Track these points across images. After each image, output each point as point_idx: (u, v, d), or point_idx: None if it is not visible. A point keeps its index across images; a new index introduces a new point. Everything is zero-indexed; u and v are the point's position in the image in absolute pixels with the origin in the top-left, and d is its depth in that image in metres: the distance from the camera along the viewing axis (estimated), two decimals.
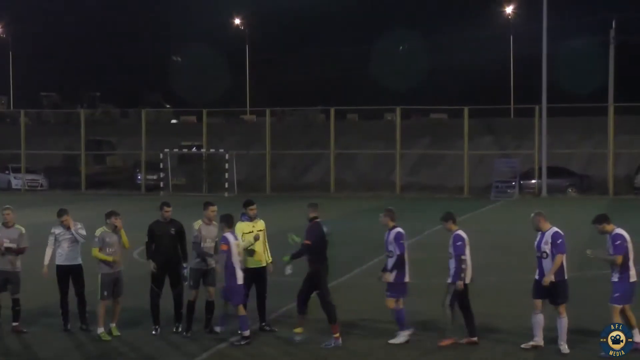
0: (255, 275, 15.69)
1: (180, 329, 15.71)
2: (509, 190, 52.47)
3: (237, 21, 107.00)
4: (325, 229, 15.37)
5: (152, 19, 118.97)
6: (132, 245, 16.00)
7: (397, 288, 15.02)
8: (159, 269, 15.71)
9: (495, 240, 29.90)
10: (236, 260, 14.88)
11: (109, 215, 15.72)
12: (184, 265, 15.90)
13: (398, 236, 15.10)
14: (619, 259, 14.40)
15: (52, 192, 56.98)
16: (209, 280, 15.64)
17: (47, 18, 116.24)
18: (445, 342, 14.87)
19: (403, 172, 57.57)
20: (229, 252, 14.78)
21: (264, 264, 15.87)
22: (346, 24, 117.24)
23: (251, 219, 15.79)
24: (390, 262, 15.26)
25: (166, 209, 16.08)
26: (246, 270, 15.52)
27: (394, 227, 15.36)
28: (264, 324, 15.82)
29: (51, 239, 15.96)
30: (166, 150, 55.99)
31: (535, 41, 56.99)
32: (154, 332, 15.61)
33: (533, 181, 53.59)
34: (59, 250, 15.91)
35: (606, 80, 58.09)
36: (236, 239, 15.07)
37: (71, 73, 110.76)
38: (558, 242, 14.67)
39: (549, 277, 14.52)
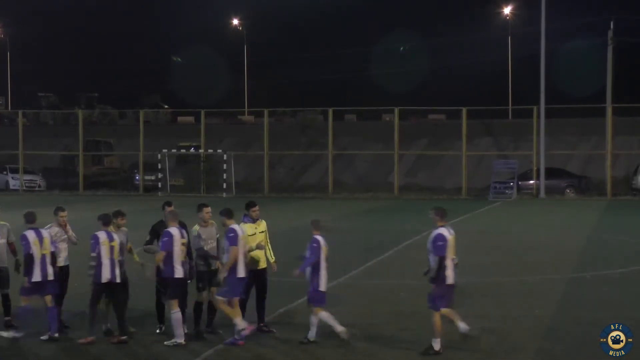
0: (256, 277, 15.66)
1: (186, 329, 15.67)
2: (507, 191, 52.45)
3: (235, 22, 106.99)
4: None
5: (150, 20, 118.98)
6: (132, 246, 15.95)
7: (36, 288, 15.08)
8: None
9: (493, 241, 29.89)
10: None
11: (116, 215, 15.70)
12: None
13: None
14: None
15: (50, 192, 56.93)
16: (214, 282, 15.60)
17: (45, 19, 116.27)
18: (86, 339, 14.84)
19: (401, 173, 57.56)
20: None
21: (265, 266, 15.81)
22: (345, 26, 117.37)
23: (254, 220, 15.73)
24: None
25: (168, 208, 16.03)
26: (248, 272, 15.50)
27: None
28: (262, 324, 15.80)
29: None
30: (164, 150, 55.94)
31: (534, 42, 57.02)
32: (158, 331, 15.60)
33: (531, 182, 53.59)
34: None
35: (604, 81, 58.10)
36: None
37: (69, 74, 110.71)
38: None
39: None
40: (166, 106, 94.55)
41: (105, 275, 14.94)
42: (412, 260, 25.09)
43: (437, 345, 14.26)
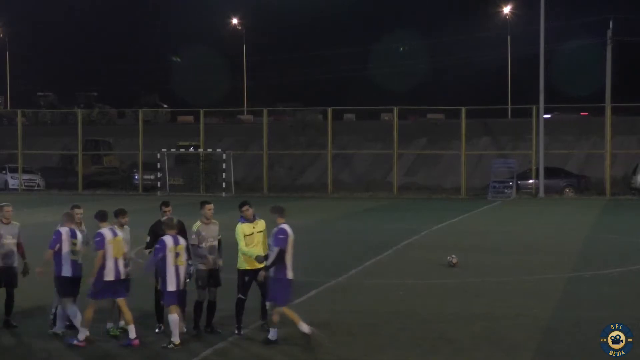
0: (255, 276, 15.60)
1: (184, 329, 15.65)
2: (506, 191, 52.46)
3: (234, 21, 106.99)
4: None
5: (149, 20, 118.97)
6: (131, 245, 15.93)
7: None
8: None
9: (492, 240, 29.87)
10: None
11: (117, 213, 15.69)
12: (189, 262, 15.84)
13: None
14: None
15: (49, 192, 56.92)
16: (213, 281, 15.59)
17: (44, 18, 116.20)
18: None
19: (400, 172, 57.56)
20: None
21: (262, 265, 15.73)
22: (344, 25, 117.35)
23: (248, 220, 15.64)
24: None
25: (165, 208, 16.00)
26: (246, 272, 15.48)
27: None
28: (263, 322, 15.77)
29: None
30: (163, 150, 55.94)
31: (533, 42, 57.04)
32: (157, 330, 15.58)
33: (530, 181, 53.59)
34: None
35: (603, 80, 58.12)
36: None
37: (68, 73, 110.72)
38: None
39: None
40: (165, 105, 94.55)
41: None
42: (411, 259, 25.12)
43: (304, 328, 14.57)
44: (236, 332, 15.37)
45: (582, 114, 73.45)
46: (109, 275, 14.81)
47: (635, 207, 45.06)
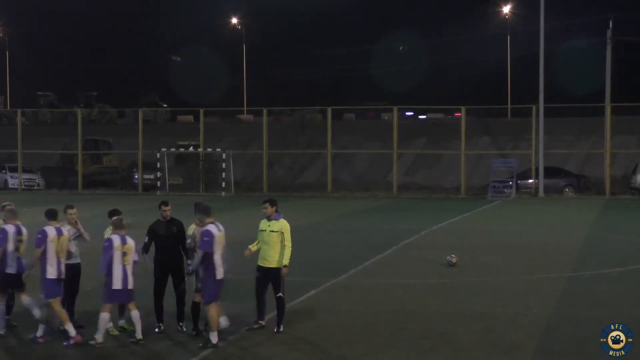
0: (268, 275, 15.62)
1: (184, 329, 15.67)
2: (506, 190, 52.46)
3: (234, 21, 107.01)
4: None
5: (149, 19, 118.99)
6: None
7: None
8: (162, 269, 15.68)
9: (492, 240, 29.87)
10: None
11: (111, 214, 15.70)
12: (188, 262, 15.84)
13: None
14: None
15: (49, 191, 56.92)
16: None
17: (44, 18, 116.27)
18: None
19: (400, 172, 57.56)
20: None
21: (275, 265, 15.67)
22: (344, 25, 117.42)
23: (267, 217, 15.69)
24: None
25: (164, 207, 16.01)
26: (258, 268, 15.55)
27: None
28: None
29: None
30: (163, 149, 55.94)
31: (533, 41, 57.04)
32: (157, 330, 15.59)
33: (530, 181, 53.61)
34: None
35: (603, 80, 58.11)
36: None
37: (68, 72, 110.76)
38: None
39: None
40: (165, 105, 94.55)
41: None
42: (411, 259, 25.12)
43: (214, 338, 14.58)
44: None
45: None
46: (52, 274, 14.89)
47: (635, 207, 45.05)
